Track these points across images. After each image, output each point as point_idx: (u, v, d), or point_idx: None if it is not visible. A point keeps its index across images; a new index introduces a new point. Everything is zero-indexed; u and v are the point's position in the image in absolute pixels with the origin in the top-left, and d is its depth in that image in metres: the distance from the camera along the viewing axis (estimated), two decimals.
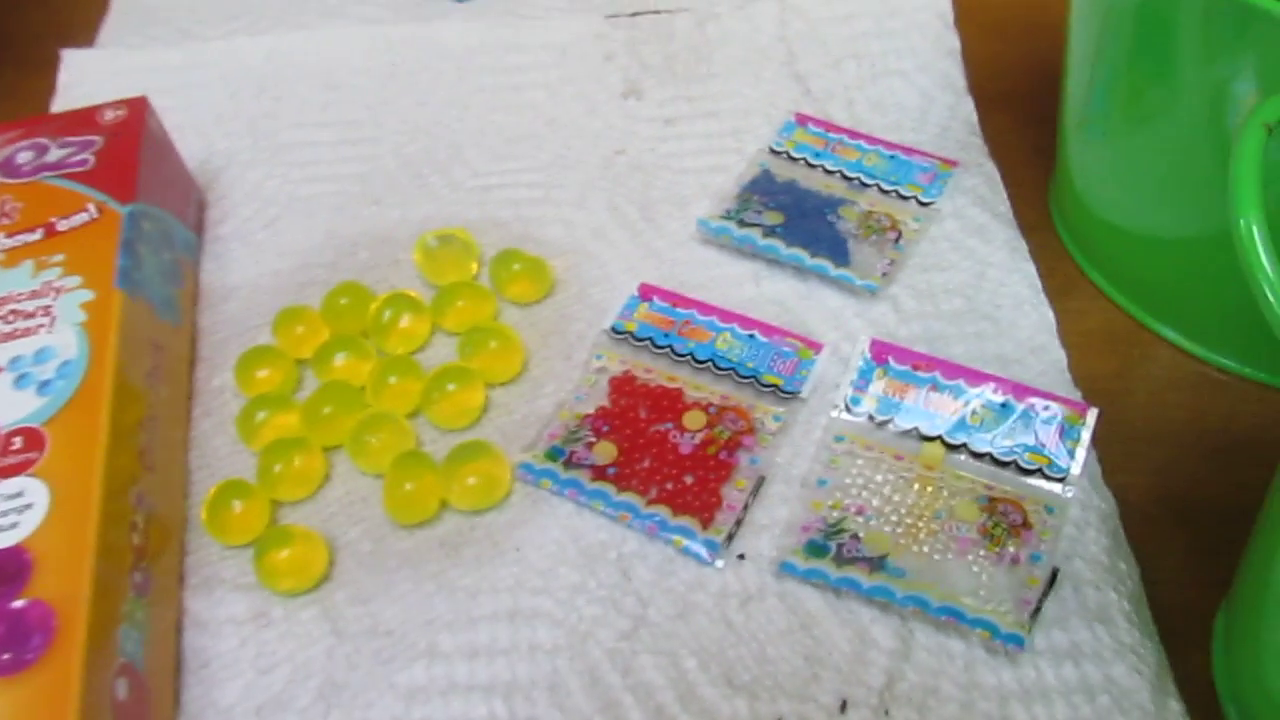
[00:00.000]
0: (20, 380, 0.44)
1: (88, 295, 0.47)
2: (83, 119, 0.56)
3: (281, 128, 0.64)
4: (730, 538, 0.45)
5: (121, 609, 0.40)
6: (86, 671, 0.37)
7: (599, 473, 0.47)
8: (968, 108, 0.62)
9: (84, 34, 0.71)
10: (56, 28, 0.72)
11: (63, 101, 0.66)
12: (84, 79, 0.67)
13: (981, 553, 0.44)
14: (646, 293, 0.53)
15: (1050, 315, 0.52)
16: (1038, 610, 0.42)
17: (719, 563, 0.45)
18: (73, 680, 0.36)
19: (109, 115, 0.55)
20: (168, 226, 0.55)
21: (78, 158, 0.53)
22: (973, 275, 0.54)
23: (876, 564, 0.44)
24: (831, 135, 0.60)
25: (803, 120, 0.61)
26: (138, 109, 0.56)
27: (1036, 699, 0.41)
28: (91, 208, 0.51)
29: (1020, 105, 0.63)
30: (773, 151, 0.60)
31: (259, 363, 0.52)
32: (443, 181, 0.61)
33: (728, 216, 0.56)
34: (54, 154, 0.54)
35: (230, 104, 0.66)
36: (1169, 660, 0.42)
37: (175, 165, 0.58)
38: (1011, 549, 0.44)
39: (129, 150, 0.54)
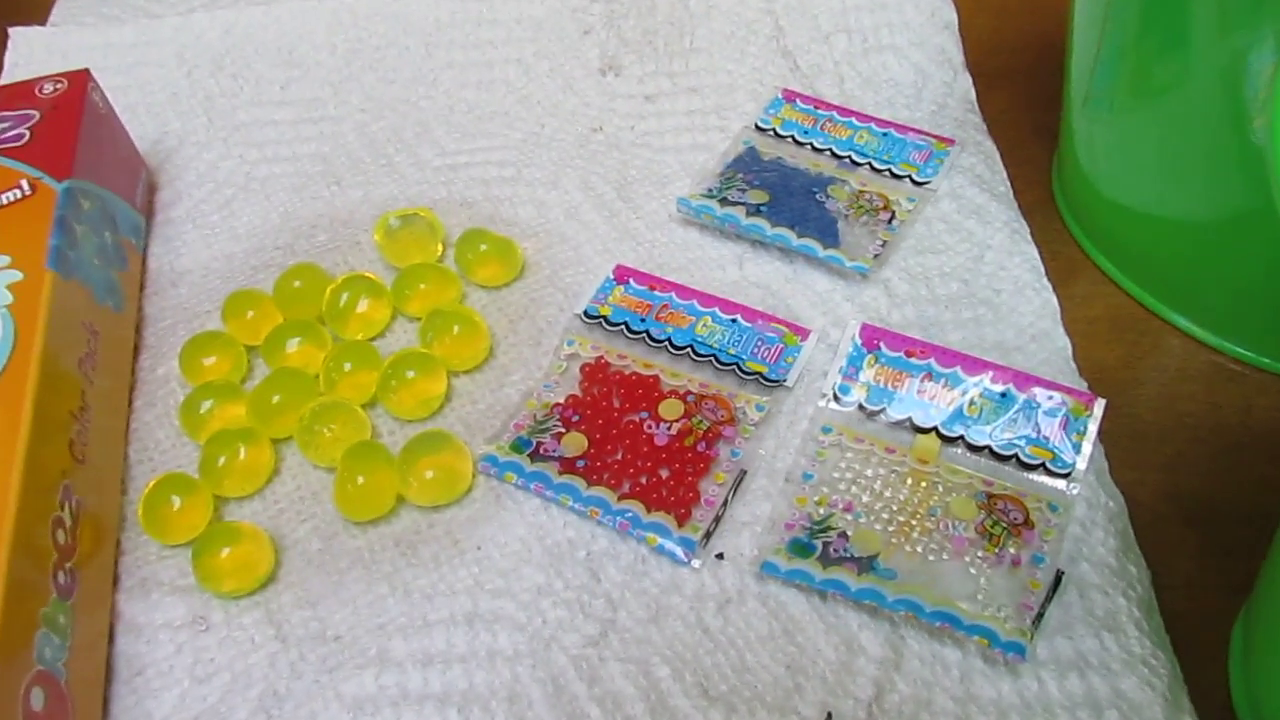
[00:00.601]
0: None
1: (16, 276, 0.44)
2: (19, 92, 0.52)
3: (239, 106, 0.61)
4: (708, 536, 0.42)
5: (40, 613, 0.37)
6: None
7: (568, 466, 0.44)
8: (965, 84, 0.58)
9: (37, 14, 0.68)
10: (7, 7, 0.69)
11: (9, 81, 0.63)
12: (32, 58, 0.64)
13: (979, 554, 0.40)
14: (622, 275, 0.50)
15: (1053, 300, 0.49)
16: (1040, 616, 0.39)
17: (695, 563, 0.42)
18: None
19: (48, 88, 0.52)
20: (110, 206, 0.51)
21: (12, 132, 0.50)
22: (970, 258, 0.51)
23: (865, 565, 0.40)
24: (821, 112, 0.57)
25: (790, 97, 0.58)
26: (79, 82, 0.52)
27: (1038, 713, 0.38)
28: (24, 184, 0.47)
29: (1020, 82, 0.59)
30: (758, 129, 0.57)
31: (206, 349, 0.48)
32: (408, 161, 0.57)
33: (710, 195, 0.52)
34: None
35: (185, 82, 0.62)
36: (1183, 673, 0.38)
37: (121, 142, 0.55)
38: (1012, 550, 0.40)
39: (68, 125, 0.50)
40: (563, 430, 0.45)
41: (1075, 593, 0.40)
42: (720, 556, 0.42)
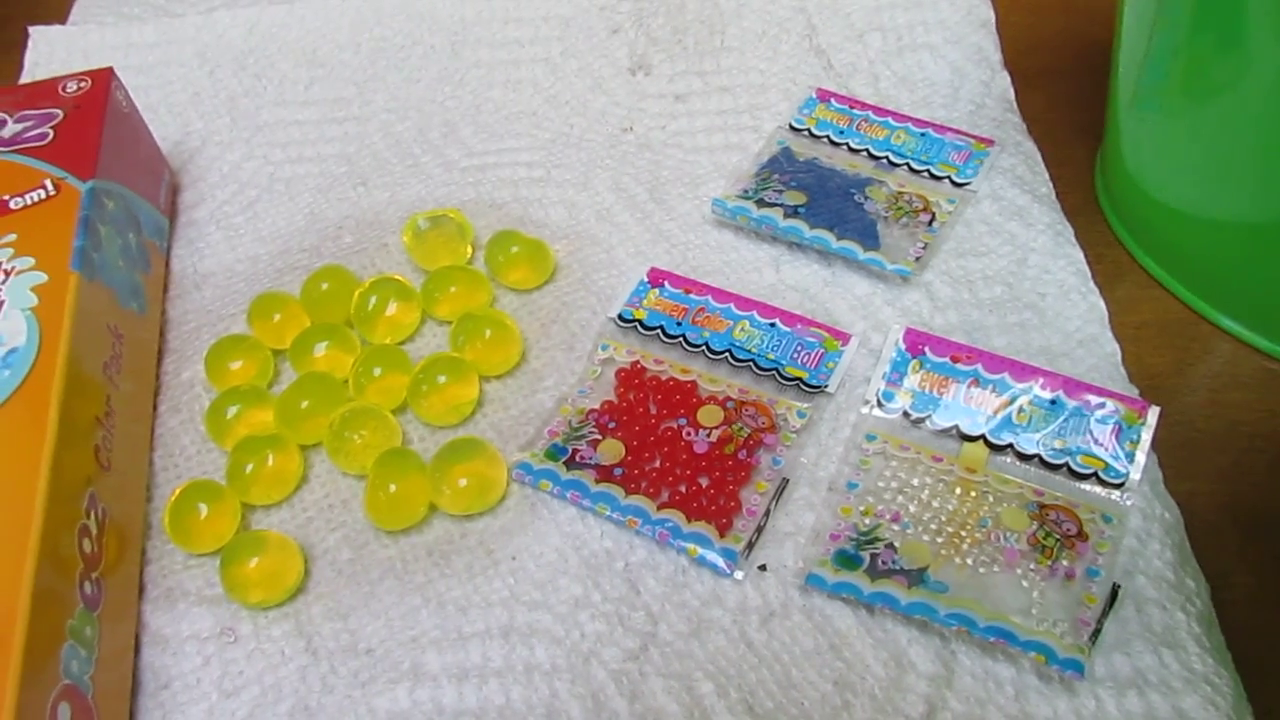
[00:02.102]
0: None
1: (40, 278, 0.43)
2: (43, 91, 0.51)
3: (262, 106, 0.60)
4: (750, 547, 0.41)
5: (66, 624, 0.36)
6: (21, 695, 0.32)
7: (604, 474, 0.43)
8: (1003, 83, 0.57)
9: (56, 13, 0.67)
10: (26, 5, 0.68)
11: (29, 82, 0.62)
12: (52, 57, 0.63)
13: (1032, 566, 0.39)
14: (656, 278, 0.49)
15: (1100, 304, 0.47)
16: (1097, 632, 0.37)
17: (738, 574, 0.40)
18: (4, 706, 0.32)
19: (71, 87, 0.51)
20: (134, 207, 0.50)
21: (35, 132, 0.49)
22: (1013, 261, 0.49)
23: (915, 578, 0.39)
24: (856, 112, 0.56)
25: (825, 96, 0.57)
26: (102, 81, 0.51)
27: None
28: (48, 184, 0.46)
29: (1059, 81, 0.58)
30: (792, 129, 0.55)
31: (232, 353, 0.47)
32: (435, 161, 0.56)
33: (745, 196, 0.51)
34: (10, 129, 0.49)
35: (208, 82, 0.61)
36: (1246, 691, 0.37)
37: (145, 143, 0.54)
38: (1065, 562, 0.39)
39: (91, 124, 0.49)
40: (599, 437, 0.44)
41: (1132, 607, 0.39)
42: (763, 568, 0.41)
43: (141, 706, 0.39)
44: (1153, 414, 0.42)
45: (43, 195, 0.46)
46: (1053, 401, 0.43)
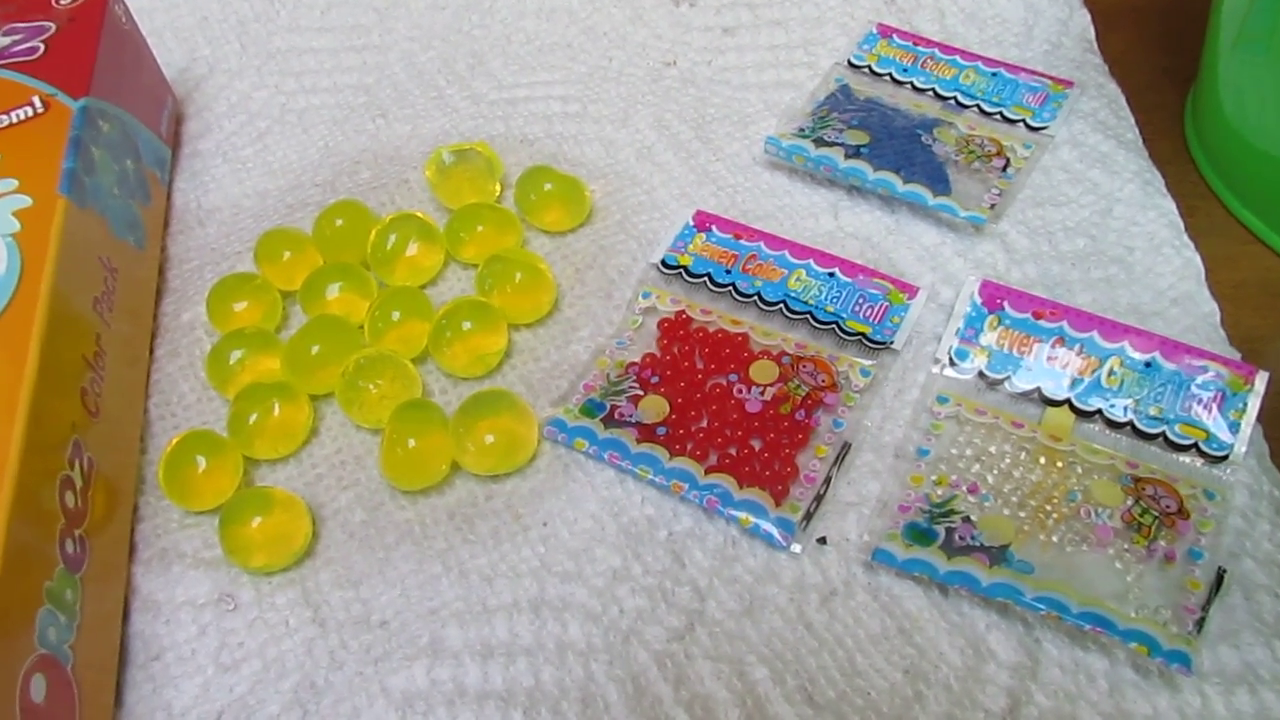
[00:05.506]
0: None
1: (23, 201, 0.39)
2: (34, 2, 0.47)
3: (274, 32, 0.56)
4: (809, 517, 0.37)
5: (43, 587, 0.32)
6: None
7: (646, 433, 0.38)
8: (1083, 22, 0.52)
9: None
10: None
11: None
12: None
13: (1126, 546, 0.35)
14: (703, 222, 0.44)
15: (1196, 260, 0.43)
16: (1202, 621, 0.33)
17: (795, 547, 0.36)
18: None
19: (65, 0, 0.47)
20: (132, 132, 0.46)
21: (25, 45, 0.45)
22: (1097, 211, 0.45)
23: (997, 556, 0.35)
24: (921, 49, 0.51)
25: (886, 32, 0.52)
26: None
27: None
28: (36, 101, 0.42)
29: (1145, 21, 0.53)
30: (851, 66, 0.51)
31: (236, 294, 0.43)
32: (461, 94, 0.52)
33: (802, 135, 0.47)
34: None
35: (216, 5, 0.58)
36: None
37: (146, 65, 0.50)
38: (1164, 543, 0.35)
39: (86, 38, 0.45)
40: (640, 393, 0.40)
41: (1239, 594, 0.35)
42: (823, 541, 0.36)
43: (130, 679, 0.35)
44: (1261, 380, 0.38)
45: (30, 113, 0.42)
46: (1147, 364, 0.39)
